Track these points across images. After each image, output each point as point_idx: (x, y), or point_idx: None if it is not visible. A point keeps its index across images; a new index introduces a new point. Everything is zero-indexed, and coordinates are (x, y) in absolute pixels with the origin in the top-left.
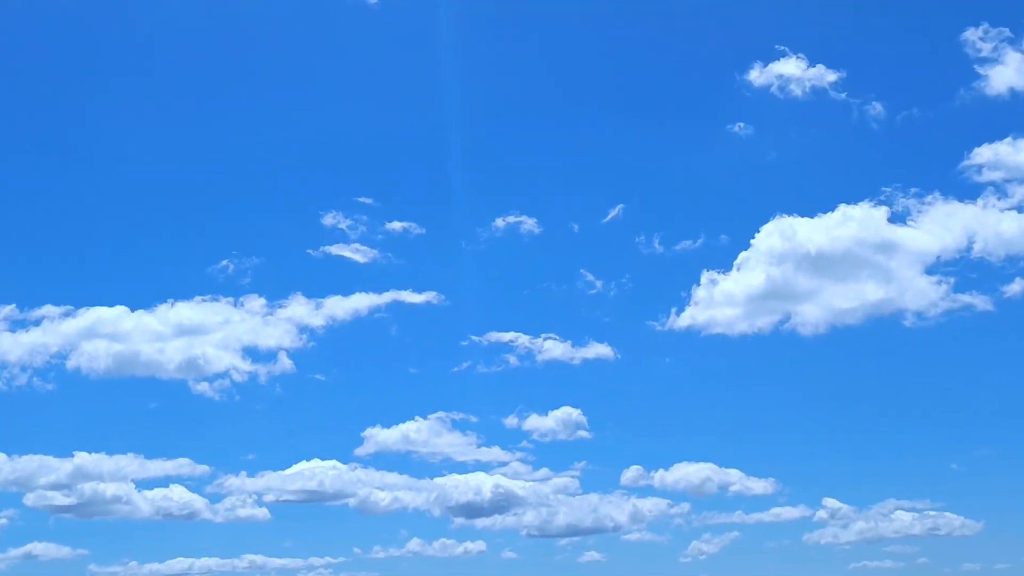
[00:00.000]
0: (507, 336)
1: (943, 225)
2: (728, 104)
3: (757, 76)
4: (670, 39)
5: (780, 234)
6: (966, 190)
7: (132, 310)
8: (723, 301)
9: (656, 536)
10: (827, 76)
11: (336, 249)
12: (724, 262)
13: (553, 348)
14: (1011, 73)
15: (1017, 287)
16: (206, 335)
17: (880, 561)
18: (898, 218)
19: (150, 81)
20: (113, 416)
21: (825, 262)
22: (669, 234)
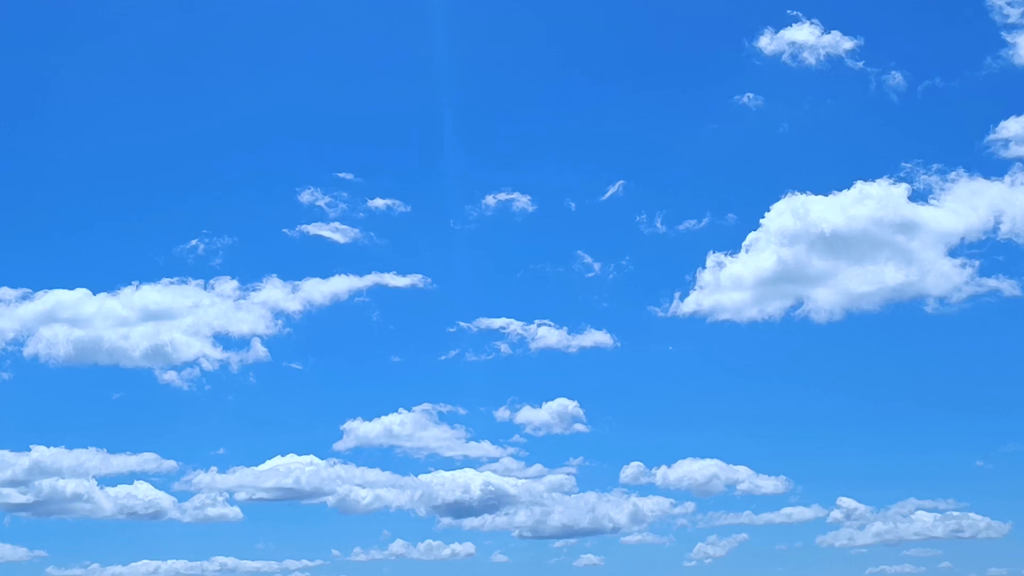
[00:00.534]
0: (498, 322)
1: (968, 203)
2: (736, 73)
3: (768, 43)
4: (674, 3)
5: (792, 213)
6: (992, 166)
7: (94, 293)
8: (730, 285)
9: (658, 538)
10: (843, 43)
11: (314, 228)
12: (732, 243)
13: (548, 335)
14: None
15: None
16: (174, 320)
17: (899, 565)
18: (919, 196)
19: (112, 47)
20: (73, 407)
21: (840, 243)
22: (672, 213)
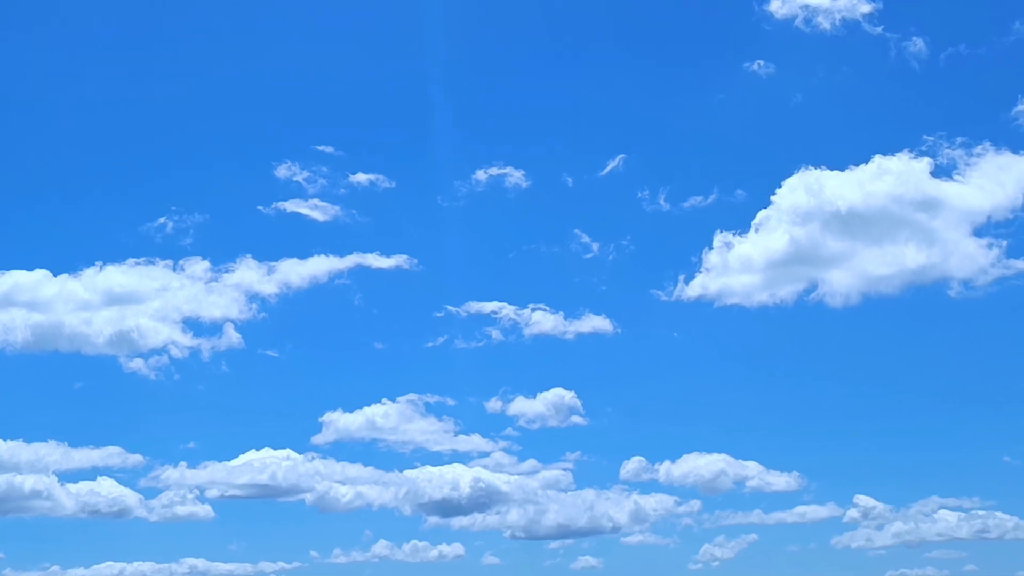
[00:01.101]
0: (489, 306)
1: (994, 179)
2: (746, 39)
3: (779, 7)
4: None
5: (805, 189)
6: (1021, 139)
7: (54, 275)
8: (739, 267)
9: (661, 539)
10: (860, 7)
11: (291, 205)
12: (740, 222)
13: (542, 320)
14: None
15: None
16: (140, 304)
17: (921, 568)
18: (942, 171)
19: (72, 12)
20: (32, 398)
21: (857, 222)
22: (677, 189)
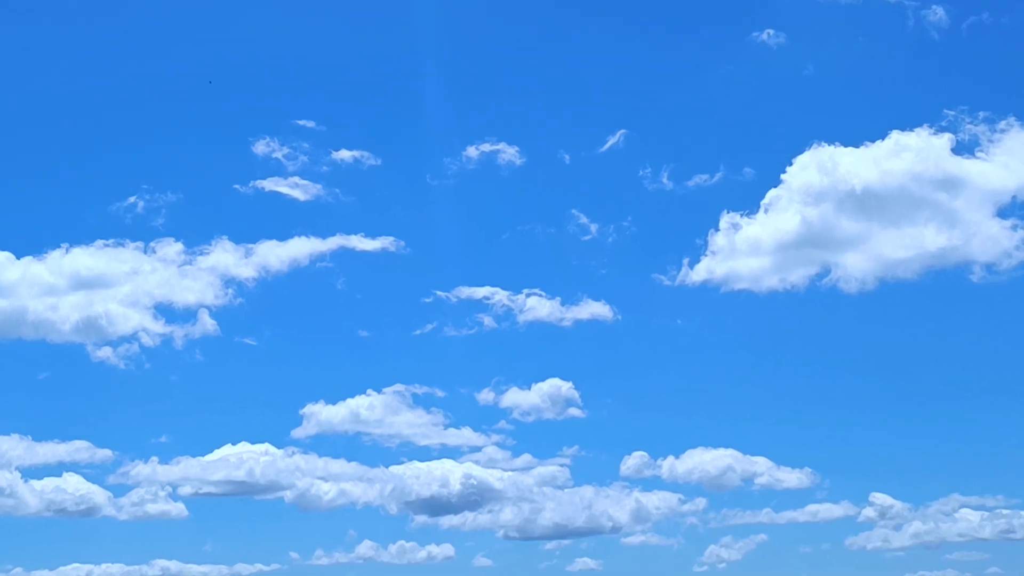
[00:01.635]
0: (481, 292)
1: (1019, 157)
2: (754, 7)
3: None
4: None
5: (818, 167)
6: None
7: (17, 257)
8: (747, 250)
9: (664, 539)
10: None
11: (270, 184)
12: (749, 202)
13: (538, 307)
14: None
15: None
16: (109, 289)
17: (941, 571)
18: (964, 148)
19: None
20: None
21: (873, 202)
22: (681, 167)
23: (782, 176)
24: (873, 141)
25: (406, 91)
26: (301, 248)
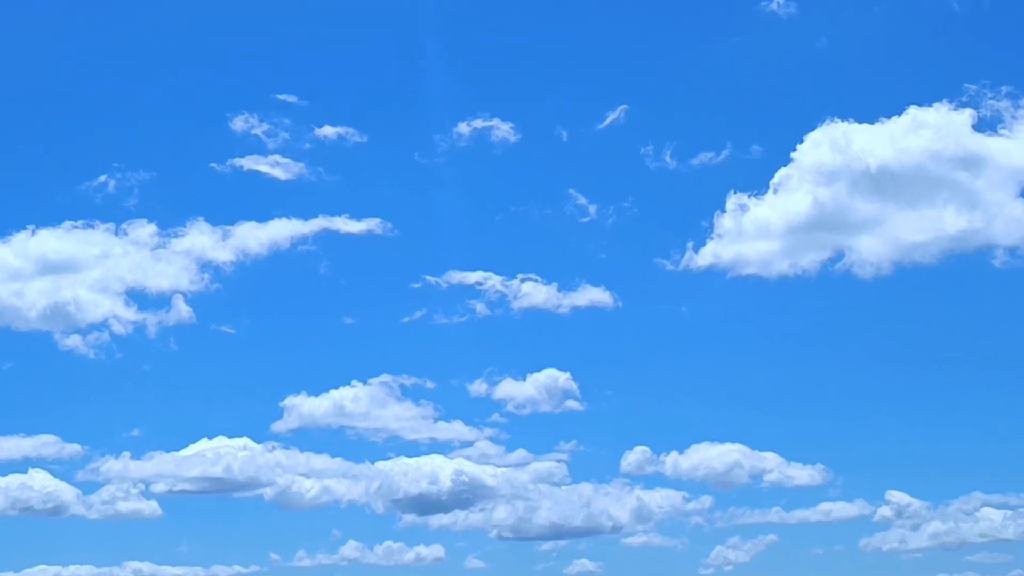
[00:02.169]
0: (473, 276)
1: None
2: None
3: None
4: None
5: (831, 145)
6: None
7: None
8: (755, 233)
9: (668, 539)
10: None
11: (249, 162)
12: (757, 182)
13: (533, 293)
14: None
15: None
16: (78, 273)
17: (961, 573)
18: (986, 125)
19: None
20: None
21: (889, 182)
22: (685, 145)
23: (792, 154)
24: (889, 117)
25: (394, 65)
26: (282, 230)
